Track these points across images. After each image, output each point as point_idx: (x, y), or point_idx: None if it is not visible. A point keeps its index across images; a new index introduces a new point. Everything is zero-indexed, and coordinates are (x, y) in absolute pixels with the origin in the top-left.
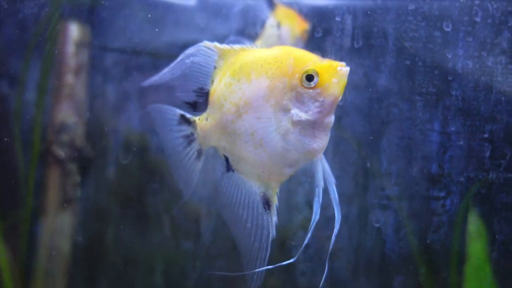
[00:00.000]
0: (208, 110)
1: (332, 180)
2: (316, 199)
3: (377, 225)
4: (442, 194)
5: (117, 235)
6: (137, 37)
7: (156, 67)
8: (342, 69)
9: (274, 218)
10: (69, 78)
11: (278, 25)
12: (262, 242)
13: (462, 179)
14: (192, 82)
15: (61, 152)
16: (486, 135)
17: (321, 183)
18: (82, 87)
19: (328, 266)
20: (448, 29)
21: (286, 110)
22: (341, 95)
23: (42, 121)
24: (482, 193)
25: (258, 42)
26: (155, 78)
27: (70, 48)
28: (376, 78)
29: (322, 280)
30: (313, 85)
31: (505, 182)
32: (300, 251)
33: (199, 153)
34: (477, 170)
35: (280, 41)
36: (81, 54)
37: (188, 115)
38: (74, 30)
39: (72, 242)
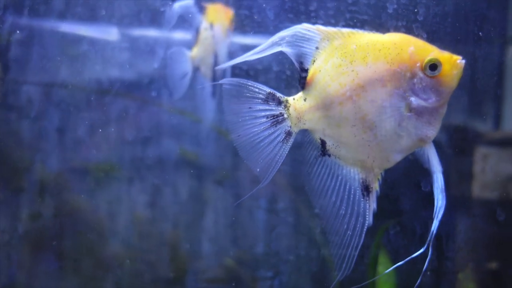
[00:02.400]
0: (307, 90)
1: (440, 168)
2: (435, 184)
3: None
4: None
5: (29, 284)
6: (56, 73)
7: (75, 103)
8: (461, 62)
9: (374, 205)
10: None
11: (211, 26)
12: (356, 230)
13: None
14: (294, 56)
15: None
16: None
17: (439, 168)
18: None
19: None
20: None
21: (404, 96)
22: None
23: None
24: (391, 234)
25: (196, 48)
26: (239, 59)
27: None
28: None
29: (426, 264)
30: (436, 74)
31: (415, 225)
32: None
33: (288, 134)
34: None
35: (214, 39)
36: None
37: (278, 94)
38: None
39: None
